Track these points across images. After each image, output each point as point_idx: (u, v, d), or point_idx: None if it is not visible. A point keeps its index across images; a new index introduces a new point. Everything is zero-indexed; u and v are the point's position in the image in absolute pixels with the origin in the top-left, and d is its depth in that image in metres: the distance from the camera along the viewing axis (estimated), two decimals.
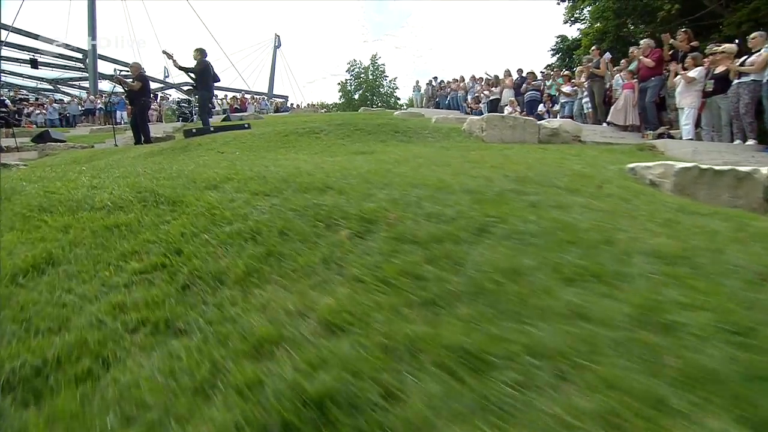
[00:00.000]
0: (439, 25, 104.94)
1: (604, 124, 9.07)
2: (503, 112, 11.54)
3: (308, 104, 28.37)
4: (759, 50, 5.93)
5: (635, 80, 8.33)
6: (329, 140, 6.61)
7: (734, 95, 6.19)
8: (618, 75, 9.03)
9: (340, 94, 48.18)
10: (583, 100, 10.05)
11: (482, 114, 12.17)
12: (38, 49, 25.97)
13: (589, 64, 9.79)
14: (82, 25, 24.76)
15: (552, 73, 13.73)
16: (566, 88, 10.70)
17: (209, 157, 5.46)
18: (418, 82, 20.93)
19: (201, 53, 8.26)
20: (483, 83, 14.92)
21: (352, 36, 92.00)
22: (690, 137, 6.82)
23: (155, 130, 12.33)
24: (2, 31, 23.98)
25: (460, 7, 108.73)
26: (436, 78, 19.53)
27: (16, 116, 15.49)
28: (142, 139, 9.15)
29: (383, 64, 48.49)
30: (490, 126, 6.90)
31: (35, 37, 25.52)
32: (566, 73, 11.70)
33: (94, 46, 23.98)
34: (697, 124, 7.10)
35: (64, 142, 11.67)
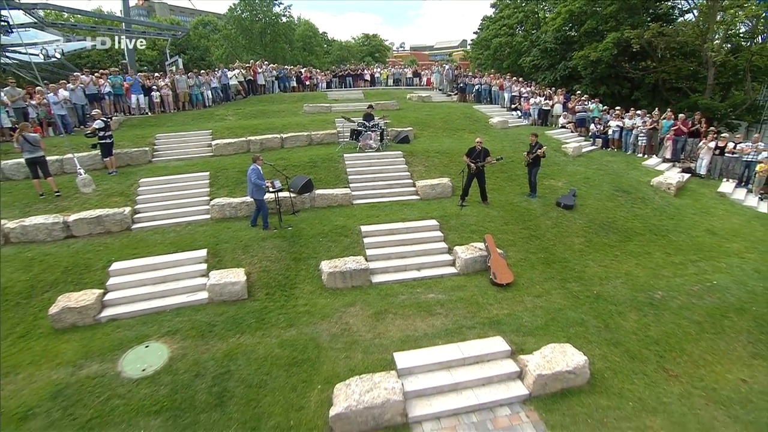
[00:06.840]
0: None
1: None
2: (556, 122, 16.22)
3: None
4: None
5: None
6: None
7: None
8: None
9: (232, 24, 38.89)
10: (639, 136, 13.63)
11: (529, 115, 16.16)
12: None
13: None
14: None
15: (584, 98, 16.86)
16: (614, 123, 14.39)
17: None
18: (442, 64, 23.22)
19: None
20: (530, 89, 17.60)
21: None
22: None
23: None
24: None
25: None
26: (451, 62, 22.27)
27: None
28: None
29: None
30: None
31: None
32: (617, 111, 15.28)
33: None
34: None
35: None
